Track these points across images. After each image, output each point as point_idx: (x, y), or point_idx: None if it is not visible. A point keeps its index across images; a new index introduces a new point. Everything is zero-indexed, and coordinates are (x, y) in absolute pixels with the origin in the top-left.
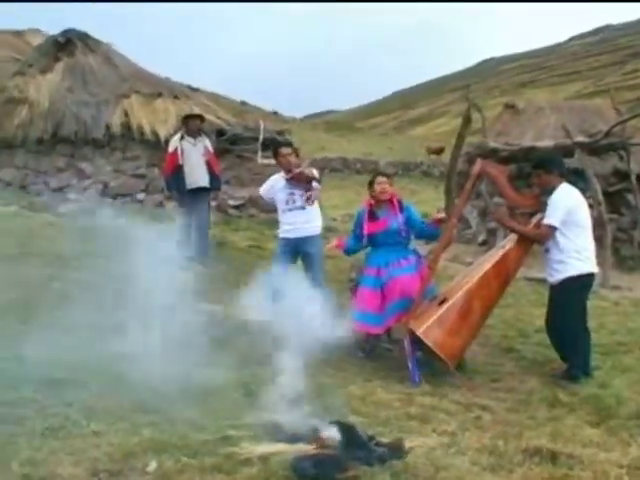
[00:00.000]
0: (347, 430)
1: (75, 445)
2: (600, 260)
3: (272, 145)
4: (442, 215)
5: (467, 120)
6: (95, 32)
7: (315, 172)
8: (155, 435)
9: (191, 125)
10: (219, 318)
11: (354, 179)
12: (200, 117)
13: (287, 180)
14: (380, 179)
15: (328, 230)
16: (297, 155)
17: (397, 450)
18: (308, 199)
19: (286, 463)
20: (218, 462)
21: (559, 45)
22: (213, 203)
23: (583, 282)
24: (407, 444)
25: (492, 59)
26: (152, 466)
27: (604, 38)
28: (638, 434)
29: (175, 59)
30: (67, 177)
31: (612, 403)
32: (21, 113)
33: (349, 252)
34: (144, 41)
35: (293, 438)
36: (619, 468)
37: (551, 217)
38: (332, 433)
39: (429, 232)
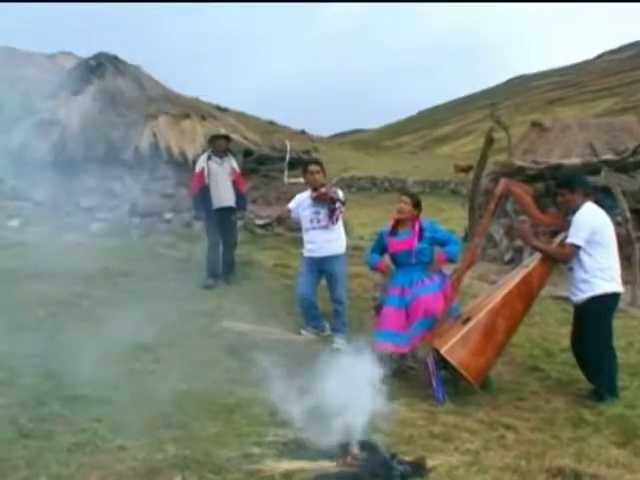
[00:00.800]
0: (369, 448)
1: (102, 460)
2: (629, 278)
3: (301, 162)
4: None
5: (490, 140)
6: (124, 53)
7: (340, 193)
8: (179, 451)
9: (218, 145)
10: (244, 335)
11: (382, 198)
12: (226, 137)
13: (313, 199)
14: (402, 198)
15: (355, 249)
16: (324, 173)
17: (419, 468)
18: (331, 218)
19: None
20: (241, 479)
21: (588, 62)
22: (240, 222)
23: (608, 302)
24: (429, 462)
25: (522, 76)
26: None
27: (634, 54)
28: None
29: (204, 78)
30: (97, 197)
31: (638, 424)
32: (53, 134)
33: (373, 267)
34: (173, 61)
35: (316, 455)
36: None
37: (575, 236)
38: (358, 450)
39: (452, 249)
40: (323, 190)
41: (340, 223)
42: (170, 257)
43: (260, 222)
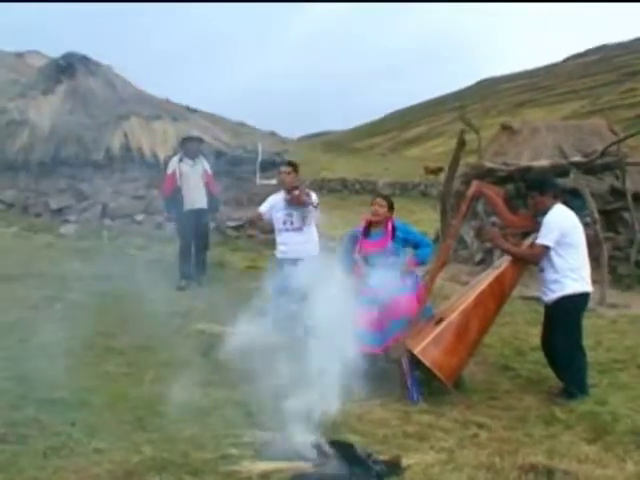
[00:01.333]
0: (345, 448)
1: (78, 463)
2: (597, 278)
3: (274, 164)
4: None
5: (461, 142)
6: (94, 53)
7: (313, 196)
8: (156, 453)
9: (190, 147)
10: (217, 337)
11: (353, 199)
12: (199, 140)
13: (286, 201)
14: (377, 200)
15: (326, 250)
16: (296, 172)
17: (395, 467)
18: (304, 221)
19: None
20: None
21: (556, 65)
22: (212, 224)
23: (578, 301)
24: (405, 461)
25: (490, 79)
26: None
27: (601, 57)
28: (634, 450)
29: (174, 80)
30: (67, 198)
31: (608, 420)
32: (22, 135)
33: (348, 270)
34: (143, 61)
35: (292, 456)
36: None
37: (545, 237)
38: (333, 450)
39: (423, 253)
40: (296, 193)
41: (313, 225)
42: (142, 259)
43: (232, 224)
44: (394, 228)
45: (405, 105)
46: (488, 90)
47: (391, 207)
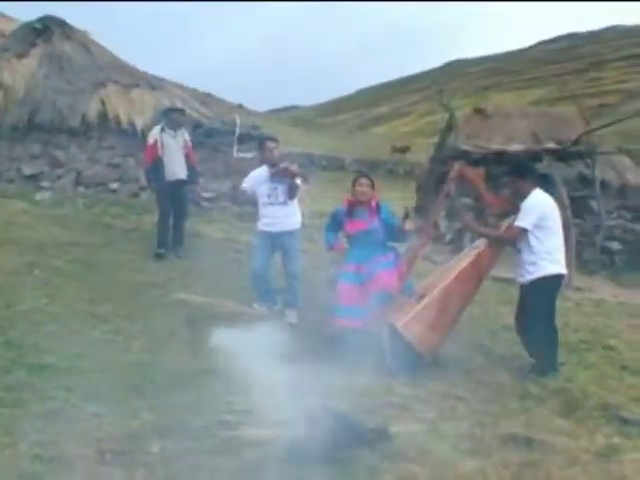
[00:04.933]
0: (337, 414)
1: (78, 427)
2: (565, 262)
3: (258, 139)
4: (410, 227)
5: (450, 125)
6: (70, 18)
7: (297, 169)
8: (155, 419)
9: (173, 118)
10: (198, 308)
11: (320, 176)
12: (181, 111)
13: (271, 174)
14: (362, 180)
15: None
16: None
17: (383, 434)
18: (290, 193)
19: (283, 446)
20: (219, 445)
21: (523, 50)
22: (190, 195)
23: (553, 283)
24: (391, 430)
25: (457, 61)
26: (156, 448)
27: (568, 45)
28: (603, 425)
29: (140, 50)
30: (41, 164)
31: (579, 396)
32: None
33: (330, 247)
34: (113, 31)
35: (284, 422)
36: (587, 454)
37: (523, 220)
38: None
39: (398, 238)
40: (282, 166)
41: (296, 200)
42: (118, 228)
43: (207, 195)
44: (378, 207)
45: (373, 83)
46: (455, 72)
47: (373, 186)
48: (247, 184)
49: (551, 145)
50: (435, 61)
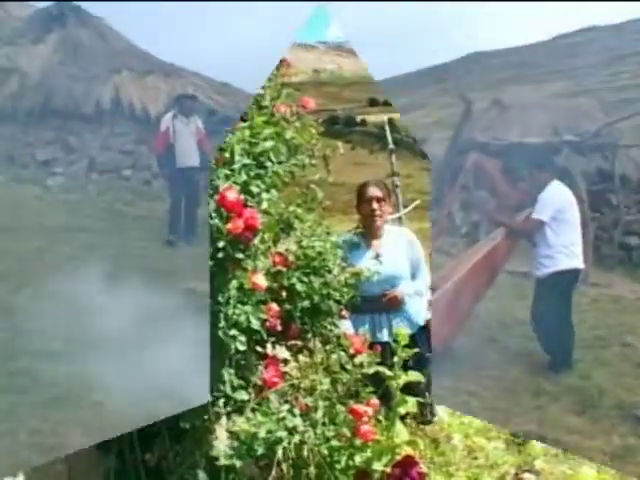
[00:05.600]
0: None
1: (81, 415)
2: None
3: None
4: None
5: (467, 114)
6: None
7: None
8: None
9: (185, 104)
10: (206, 295)
11: None
12: (193, 97)
13: None
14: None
15: None
16: None
17: None
18: None
19: None
20: None
21: (543, 43)
22: (202, 183)
23: (570, 277)
24: None
25: (476, 53)
26: None
27: (589, 39)
28: (619, 424)
29: (159, 37)
30: (54, 150)
31: (594, 394)
32: (11, 83)
33: None
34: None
35: None
36: (603, 455)
37: (541, 213)
38: None
39: None
40: None
41: None
42: (130, 215)
43: None
44: None
45: (388, 76)
46: (473, 65)
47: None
48: None
49: (570, 137)
50: (451, 54)
